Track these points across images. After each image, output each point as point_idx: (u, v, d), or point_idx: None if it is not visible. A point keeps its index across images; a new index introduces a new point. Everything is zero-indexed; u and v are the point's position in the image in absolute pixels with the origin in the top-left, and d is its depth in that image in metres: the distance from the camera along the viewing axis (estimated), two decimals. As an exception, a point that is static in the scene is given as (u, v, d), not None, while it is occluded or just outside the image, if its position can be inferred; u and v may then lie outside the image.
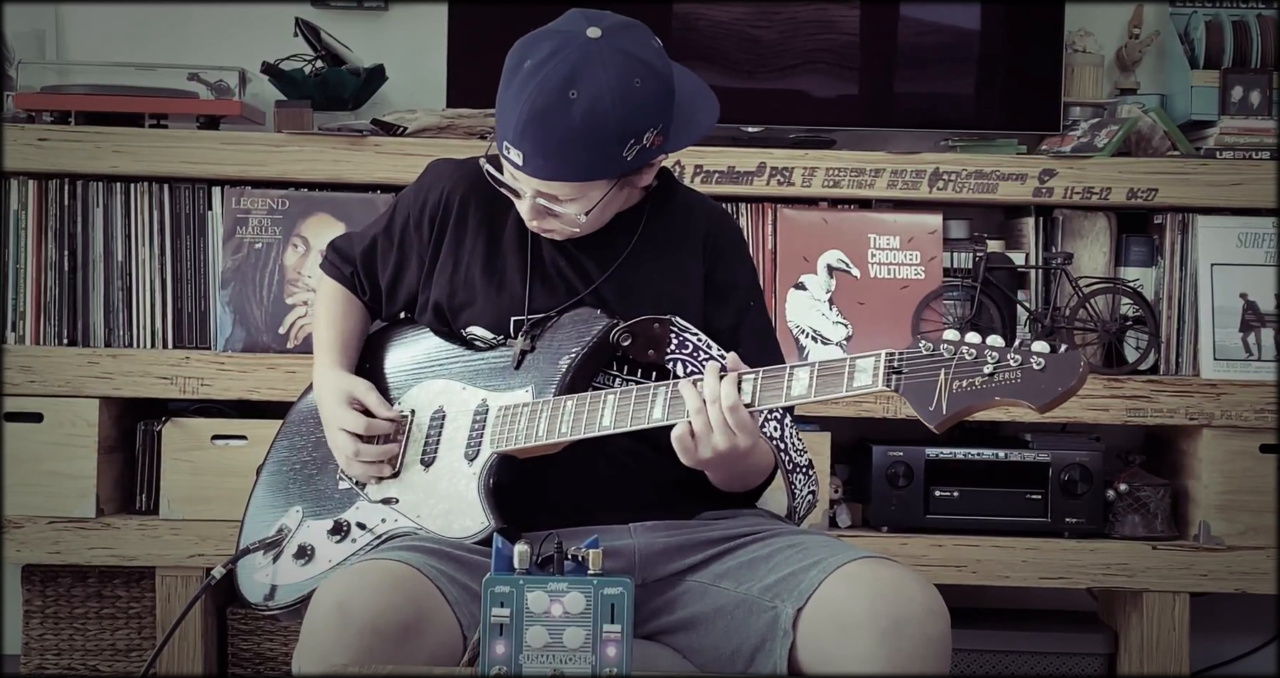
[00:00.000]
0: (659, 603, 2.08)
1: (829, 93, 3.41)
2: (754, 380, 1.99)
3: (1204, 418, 3.17)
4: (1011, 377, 1.83)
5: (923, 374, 1.86)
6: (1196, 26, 3.42)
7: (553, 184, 2.08)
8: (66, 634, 3.30)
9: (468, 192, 2.26)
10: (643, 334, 2.13)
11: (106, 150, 3.17)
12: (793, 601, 1.95)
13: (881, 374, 1.89)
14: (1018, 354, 1.83)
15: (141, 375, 3.16)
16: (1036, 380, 1.81)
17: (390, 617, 1.88)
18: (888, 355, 1.90)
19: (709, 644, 2.03)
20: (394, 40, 3.53)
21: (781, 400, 1.96)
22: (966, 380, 1.84)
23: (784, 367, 1.98)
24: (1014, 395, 1.82)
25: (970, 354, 1.85)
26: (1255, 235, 3.24)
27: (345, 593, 1.90)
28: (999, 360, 1.83)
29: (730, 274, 2.25)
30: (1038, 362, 1.81)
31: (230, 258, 3.22)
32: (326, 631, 1.88)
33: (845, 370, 1.92)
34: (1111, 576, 3.16)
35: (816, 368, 1.95)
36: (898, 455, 3.20)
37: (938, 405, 1.85)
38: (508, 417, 2.12)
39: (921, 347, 1.88)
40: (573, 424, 2.06)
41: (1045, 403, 1.81)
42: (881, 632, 1.87)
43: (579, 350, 2.13)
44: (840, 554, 1.98)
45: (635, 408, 2.04)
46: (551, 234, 2.17)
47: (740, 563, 2.06)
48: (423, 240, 2.27)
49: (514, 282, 2.21)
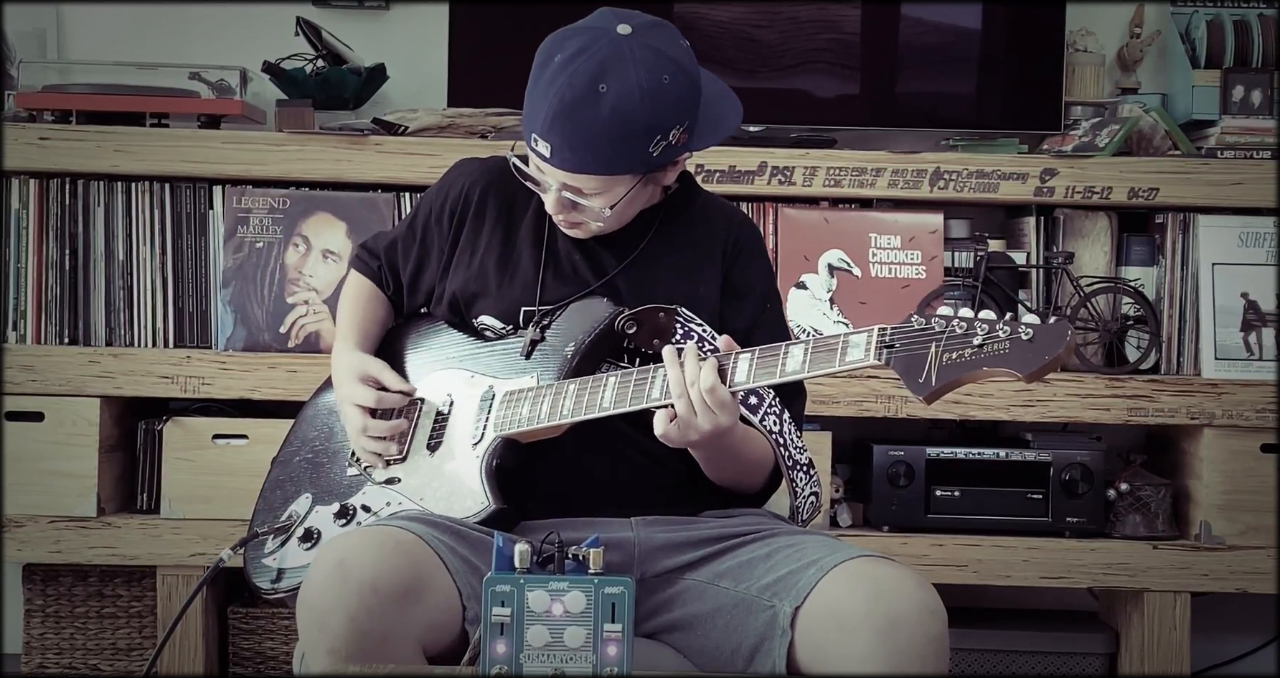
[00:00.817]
0: (658, 601, 2.09)
1: (830, 92, 3.41)
2: (750, 358, 2.00)
3: (1205, 418, 3.17)
4: (1000, 348, 1.84)
5: (914, 348, 1.88)
6: (1198, 26, 3.42)
7: (579, 177, 2.09)
8: (67, 634, 3.30)
9: (488, 186, 2.29)
10: (648, 323, 2.14)
11: (108, 150, 3.17)
12: (791, 599, 1.95)
13: (874, 349, 1.90)
14: (1007, 326, 1.84)
15: (143, 375, 3.16)
16: (1024, 350, 1.82)
17: (390, 577, 1.89)
18: (880, 330, 1.91)
19: (708, 644, 2.03)
20: (395, 39, 3.53)
21: (776, 377, 1.98)
22: (956, 353, 1.85)
23: (779, 344, 2.00)
24: (1001, 365, 1.83)
25: (961, 327, 1.86)
26: (1256, 235, 3.24)
27: (347, 552, 1.91)
28: (989, 332, 1.84)
29: (746, 275, 2.27)
30: (1026, 332, 1.82)
31: (231, 257, 3.22)
32: (326, 586, 1.89)
33: (839, 346, 1.94)
34: (1112, 575, 3.16)
35: (811, 344, 1.96)
36: (899, 455, 3.20)
37: (926, 378, 1.86)
38: (512, 401, 2.14)
39: (914, 321, 1.89)
40: (574, 406, 2.08)
41: (1032, 371, 1.82)
42: (879, 630, 1.87)
43: (584, 337, 2.14)
44: (838, 553, 1.98)
45: (635, 388, 2.05)
46: (575, 231, 2.19)
47: (740, 562, 2.06)
48: (443, 234, 2.30)
49: (527, 273, 2.23)
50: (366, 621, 1.87)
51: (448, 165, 2.39)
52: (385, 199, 3.22)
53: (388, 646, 1.88)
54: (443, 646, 1.95)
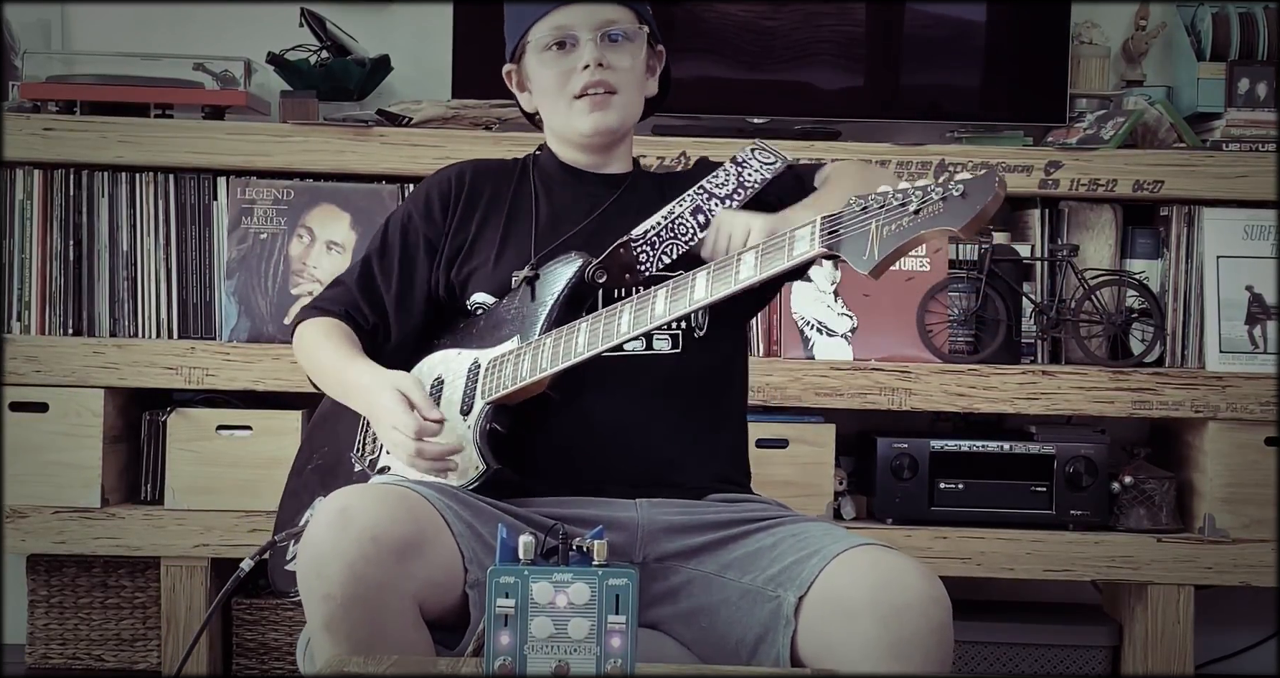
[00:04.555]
0: (662, 589, 2.09)
1: (835, 84, 3.41)
2: (706, 273, 2.02)
3: (1209, 410, 3.17)
4: (935, 209, 1.85)
5: (855, 229, 1.90)
6: (1203, 18, 3.42)
7: (614, 8, 2.22)
8: (71, 624, 3.30)
9: (475, 173, 2.33)
10: (614, 264, 2.16)
11: (112, 140, 3.17)
12: (795, 589, 1.95)
13: (818, 238, 1.93)
14: (939, 187, 1.85)
15: (147, 366, 3.16)
16: (957, 206, 1.84)
17: (391, 529, 1.89)
18: (823, 220, 1.94)
19: (713, 636, 2.04)
20: (399, 30, 3.53)
21: (732, 287, 2.00)
22: (894, 224, 1.87)
23: (730, 256, 2.03)
24: (936, 225, 1.84)
25: (898, 198, 1.88)
26: (1261, 228, 3.24)
27: (350, 500, 1.92)
28: (923, 197, 1.85)
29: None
30: (957, 188, 1.84)
31: (235, 248, 3.22)
32: (325, 534, 1.89)
33: (785, 243, 1.97)
34: (1116, 568, 3.16)
35: (760, 247, 2.00)
36: (902, 448, 3.19)
37: (869, 253, 1.88)
38: (496, 367, 2.15)
39: (853, 203, 1.92)
40: (551, 357, 2.09)
41: (964, 223, 1.83)
42: (883, 618, 1.87)
43: (556, 296, 2.15)
44: (841, 542, 1.98)
45: (605, 327, 2.07)
46: (600, 114, 2.23)
47: (745, 553, 2.06)
48: (436, 227, 2.30)
49: (521, 243, 2.25)
50: (364, 568, 1.86)
51: (452, 157, 2.42)
52: (389, 190, 3.22)
53: (384, 595, 1.87)
54: (444, 607, 1.95)
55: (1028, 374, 3.17)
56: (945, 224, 1.83)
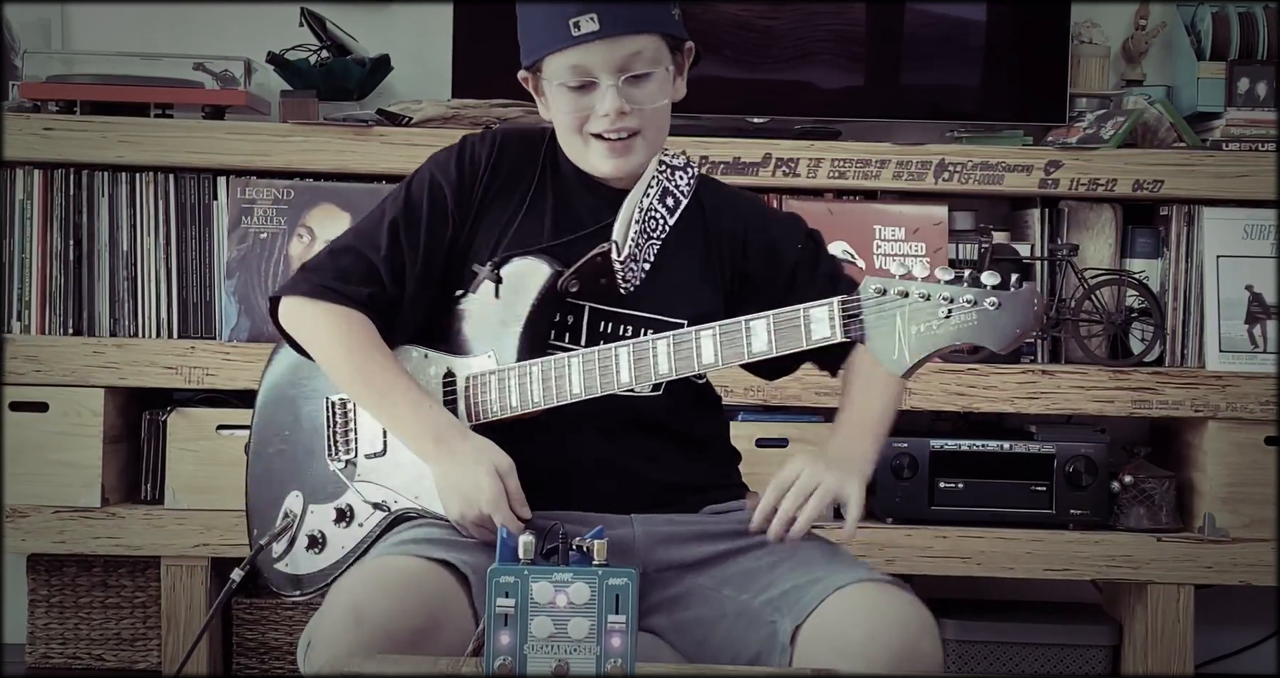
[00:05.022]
0: (660, 599, 2.09)
1: (835, 84, 3.41)
2: (713, 337, 2.00)
3: (1209, 410, 3.17)
4: (968, 318, 1.85)
5: (879, 323, 1.89)
6: (1203, 18, 3.42)
7: (635, 40, 2.07)
8: (71, 624, 3.30)
9: (501, 150, 2.23)
10: (589, 272, 2.11)
11: (112, 140, 3.17)
12: (792, 617, 1.96)
13: (839, 323, 1.92)
14: (969, 293, 1.84)
15: (147, 365, 3.16)
16: (993, 320, 1.83)
17: (403, 622, 1.88)
18: (841, 302, 1.92)
19: (707, 649, 2.04)
20: (399, 30, 3.53)
21: (744, 358, 1.99)
22: (923, 324, 1.86)
23: (736, 321, 1.99)
24: (971, 338, 1.84)
25: (923, 294, 1.86)
26: (1261, 227, 3.24)
27: (358, 596, 1.91)
28: (952, 301, 1.85)
29: (768, 239, 2.26)
30: (992, 302, 1.83)
31: (235, 248, 3.22)
32: (339, 635, 1.88)
33: (800, 322, 1.95)
34: (1116, 568, 3.16)
35: (772, 321, 1.97)
36: (902, 447, 3.19)
37: (899, 354, 1.88)
38: (476, 386, 2.12)
39: (872, 290, 1.90)
40: (543, 393, 2.07)
41: (1005, 344, 1.84)
42: (876, 665, 1.87)
43: (529, 308, 2.11)
44: (842, 574, 1.98)
45: (602, 374, 2.05)
46: (623, 158, 2.12)
47: (743, 570, 2.07)
48: (465, 207, 2.20)
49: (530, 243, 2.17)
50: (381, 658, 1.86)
51: (453, 157, 2.36)
52: (389, 190, 3.21)
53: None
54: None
55: (1028, 374, 3.18)
56: (983, 341, 1.84)
